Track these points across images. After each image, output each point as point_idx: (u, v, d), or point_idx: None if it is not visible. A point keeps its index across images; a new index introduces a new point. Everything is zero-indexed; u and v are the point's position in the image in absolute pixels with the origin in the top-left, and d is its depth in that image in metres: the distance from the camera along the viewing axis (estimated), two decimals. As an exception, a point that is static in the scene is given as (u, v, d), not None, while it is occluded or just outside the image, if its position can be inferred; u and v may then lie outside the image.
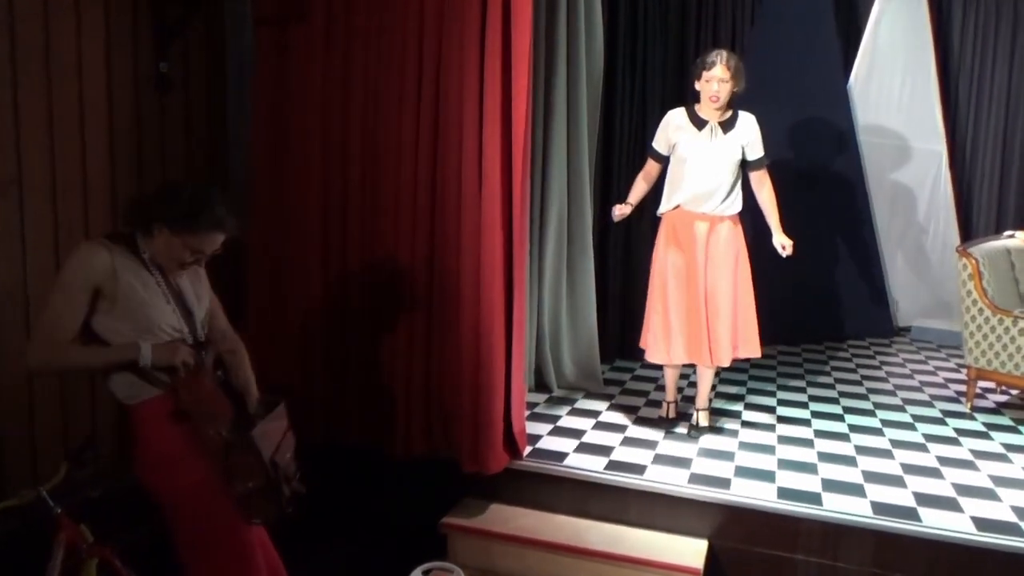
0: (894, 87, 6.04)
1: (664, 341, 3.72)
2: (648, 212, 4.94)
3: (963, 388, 4.56)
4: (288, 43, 3.57)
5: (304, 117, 3.57)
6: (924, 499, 3.14)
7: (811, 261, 5.60)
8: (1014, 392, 4.65)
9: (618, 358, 5.06)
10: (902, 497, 3.16)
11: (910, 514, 3.01)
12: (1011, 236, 4.83)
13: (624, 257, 5.12)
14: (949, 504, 3.10)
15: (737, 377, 4.75)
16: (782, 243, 3.60)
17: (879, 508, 3.05)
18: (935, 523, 2.94)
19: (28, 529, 2.67)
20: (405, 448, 3.45)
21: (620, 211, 3.79)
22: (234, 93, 3.67)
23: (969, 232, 6.28)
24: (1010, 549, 2.79)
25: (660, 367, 4.63)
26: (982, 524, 2.93)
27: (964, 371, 4.50)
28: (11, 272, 2.76)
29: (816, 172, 5.65)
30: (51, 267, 2.87)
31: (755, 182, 3.69)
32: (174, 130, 3.36)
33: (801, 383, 4.78)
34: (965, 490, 3.24)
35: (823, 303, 5.86)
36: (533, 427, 3.78)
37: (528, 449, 3.52)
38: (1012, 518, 2.99)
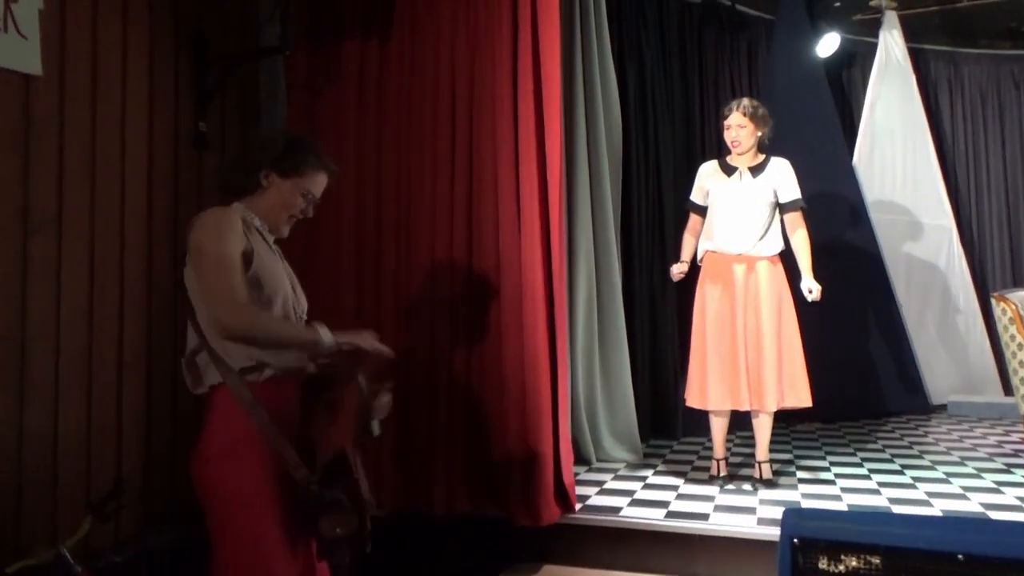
0: (896, 165, 6.22)
1: (700, 384, 3.59)
2: (671, 291, 4.93)
3: (1021, 447, 4.37)
4: (320, 108, 3.68)
5: (336, 182, 3.60)
6: (1017, 529, 2.89)
7: (840, 337, 5.53)
8: (1074, 446, 4.44)
9: (652, 438, 4.84)
10: (992, 528, 2.91)
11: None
12: (1040, 289, 4.79)
13: (651, 333, 5.03)
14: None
15: (781, 447, 4.52)
16: (809, 287, 3.52)
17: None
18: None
19: (43, 592, 2.42)
20: (447, 507, 3.20)
21: (679, 270, 3.76)
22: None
23: (988, 306, 6.24)
24: None
25: (703, 436, 4.46)
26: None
27: (1013, 433, 4.30)
28: (45, 311, 2.66)
29: (834, 247, 5.68)
30: (84, 308, 2.78)
31: (788, 224, 3.68)
32: (210, 186, 3.36)
33: (849, 449, 4.56)
34: (1057, 520, 3.00)
35: (857, 381, 5.70)
36: (579, 490, 3.54)
37: (579, 506, 3.27)
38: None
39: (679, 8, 5.45)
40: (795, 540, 1.21)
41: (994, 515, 3.08)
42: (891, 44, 6.20)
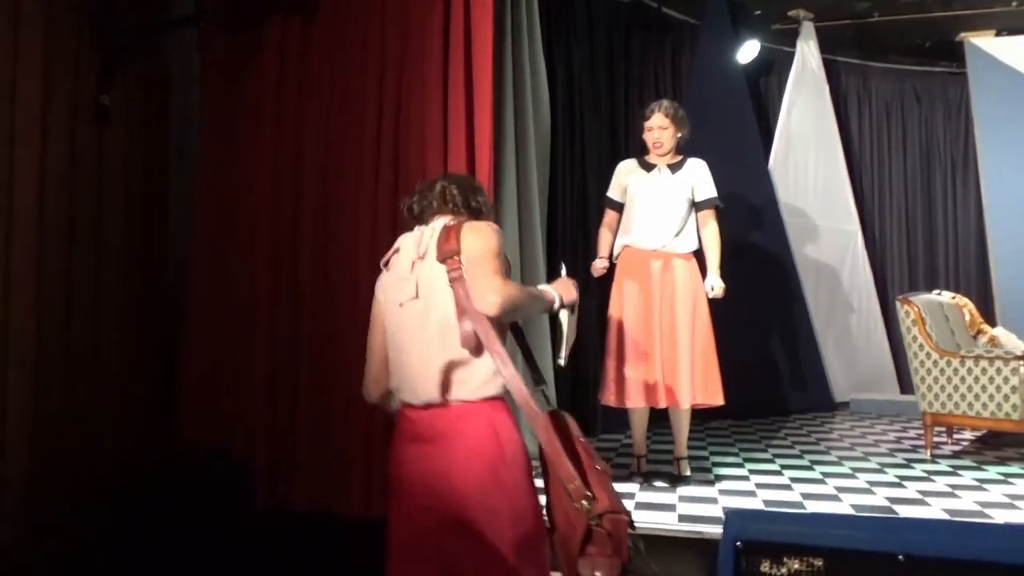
0: (809, 171, 6.44)
1: (616, 383, 3.59)
2: (592, 287, 4.94)
3: (918, 442, 4.59)
4: (236, 90, 3.49)
5: (253, 170, 3.44)
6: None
7: (751, 337, 5.70)
8: (966, 442, 4.70)
9: (572, 434, 4.82)
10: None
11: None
12: (939, 293, 5.05)
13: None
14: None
15: (697, 443, 4.60)
16: (712, 284, 3.57)
17: (880, 530, 2.90)
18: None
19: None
20: (364, 507, 3.08)
21: (601, 265, 3.73)
22: (176, 138, 3.50)
23: (887, 307, 6.57)
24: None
25: (621, 433, 4.49)
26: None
27: (910, 429, 4.52)
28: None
29: (747, 248, 5.83)
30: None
31: (701, 220, 3.72)
32: (113, 165, 3.13)
33: (760, 445, 4.69)
34: (954, 514, 3.14)
35: (767, 379, 5.88)
36: (500, 487, 3.48)
37: (500, 504, 3.21)
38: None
39: (608, 7, 5.46)
40: (738, 543, 1.18)
41: (899, 508, 3.21)
42: (807, 54, 6.42)
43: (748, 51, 6.11)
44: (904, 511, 3.18)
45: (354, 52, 3.33)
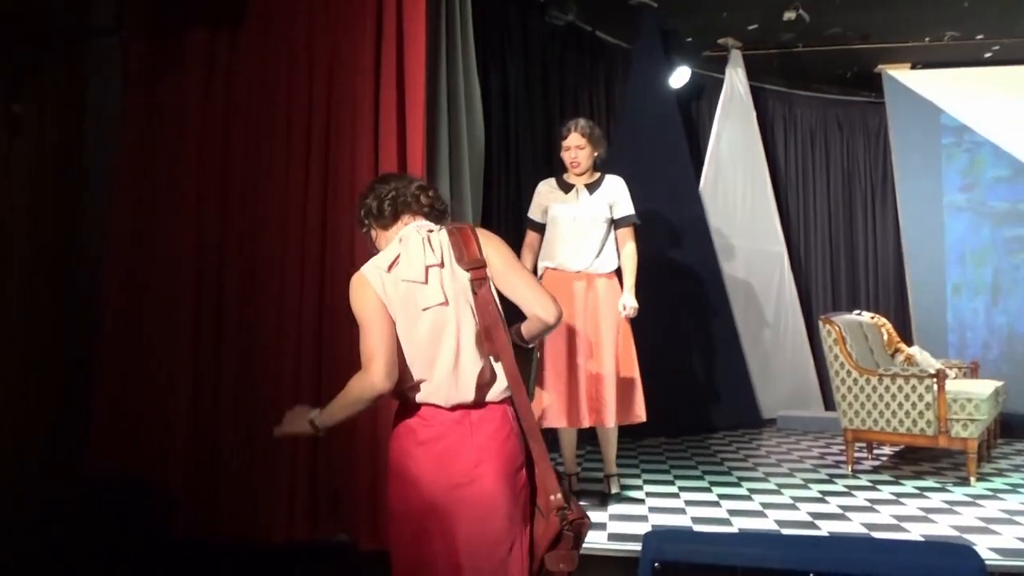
0: (738, 194, 6.62)
1: (537, 402, 3.57)
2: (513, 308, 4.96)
3: (841, 458, 4.72)
4: (161, 100, 3.38)
5: (177, 181, 3.33)
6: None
7: (681, 356, 5.81)
8: (885, 457, 4.86)
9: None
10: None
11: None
12: (859, 313, 5.24)
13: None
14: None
15: (628, 461, 4.64)
16: (625, 303, 3.59)
17: (803, 545, 2.96)
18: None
19: None
20: (286, 533, 2.99)
21: None
22: (94, 149, 3.37)
23: (812, 326, 6.77)
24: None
25: (554, 452, 4.48)
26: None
27: (833, 445, 4.65)
28: None
29: (678, 269, 5.96)
30: None
31: (620, 239, 3.74)
32: (24, 176, 2.98)
33: (691, 462, 4.75)
34: (872, 527, 3.24)
35: (697, 397, 5.98)
36: (430, 509, 3.43)
37: (429, 526, 3.16)
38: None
39: (543, 29, 5.53)
40: (656, 564, 1.18)
41: (821, 523, 3.29)
42: (736, 81, 6.62)
43: (679, 76, 6.27)
44: (826, 526, 3.26)
45: (281, 64, 3.27)
